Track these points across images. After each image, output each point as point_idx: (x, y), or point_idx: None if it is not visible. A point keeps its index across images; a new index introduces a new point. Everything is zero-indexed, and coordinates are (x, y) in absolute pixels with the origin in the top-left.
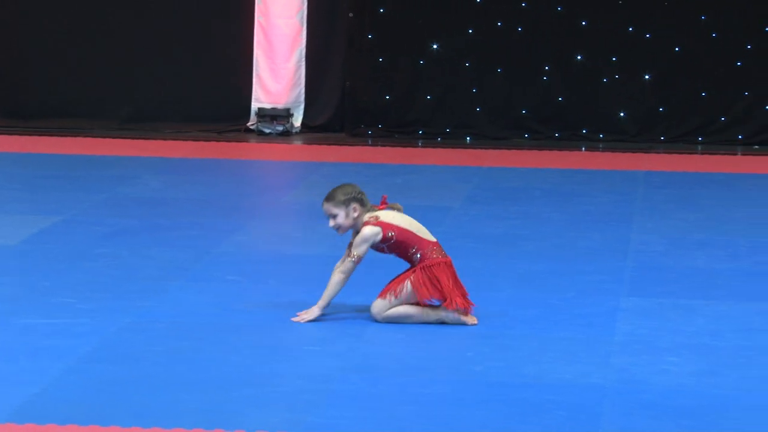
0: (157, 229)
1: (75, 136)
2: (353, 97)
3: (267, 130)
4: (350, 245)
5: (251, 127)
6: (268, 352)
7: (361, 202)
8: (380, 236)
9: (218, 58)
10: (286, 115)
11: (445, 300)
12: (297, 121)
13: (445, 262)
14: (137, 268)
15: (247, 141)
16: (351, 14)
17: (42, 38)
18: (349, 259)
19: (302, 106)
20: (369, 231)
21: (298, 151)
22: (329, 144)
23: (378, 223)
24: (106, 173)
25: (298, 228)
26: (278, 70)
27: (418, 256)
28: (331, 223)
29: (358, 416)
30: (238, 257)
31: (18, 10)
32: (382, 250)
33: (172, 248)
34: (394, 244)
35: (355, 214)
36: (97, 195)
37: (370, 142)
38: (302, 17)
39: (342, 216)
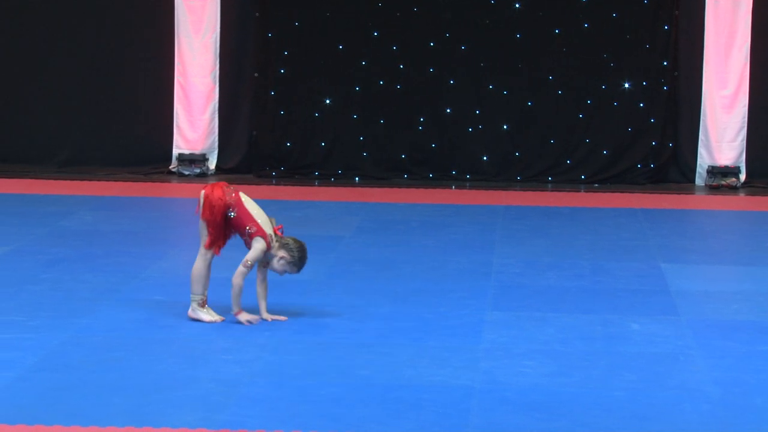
0: (92, 257)
1: (20, 178)
2: (259, 144)
3: (186, 172)
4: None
5: (173, 170)
6: (187, 361)
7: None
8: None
9: (144, 111)
10: (202, 159)
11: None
12: (212, 164)
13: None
14: (75, 291)
15: (169, 182)
16: (256, 74)
17: None
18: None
19: (216, 152)
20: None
21: None
22: (239, 184)
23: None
24: (48, 210)
25: None
26: (195, 121)
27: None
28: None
29: (263, 415)
30: (162, 280)
31: None
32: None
33: (105, 273)
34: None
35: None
36: (41, 228)
37: (274, 182)
38: (215, 77)
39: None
